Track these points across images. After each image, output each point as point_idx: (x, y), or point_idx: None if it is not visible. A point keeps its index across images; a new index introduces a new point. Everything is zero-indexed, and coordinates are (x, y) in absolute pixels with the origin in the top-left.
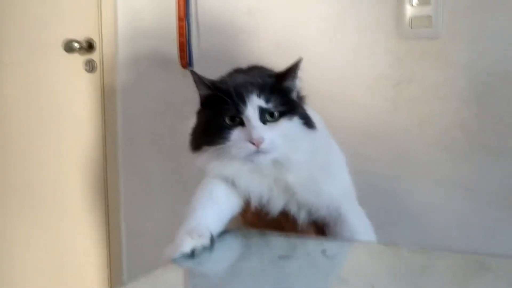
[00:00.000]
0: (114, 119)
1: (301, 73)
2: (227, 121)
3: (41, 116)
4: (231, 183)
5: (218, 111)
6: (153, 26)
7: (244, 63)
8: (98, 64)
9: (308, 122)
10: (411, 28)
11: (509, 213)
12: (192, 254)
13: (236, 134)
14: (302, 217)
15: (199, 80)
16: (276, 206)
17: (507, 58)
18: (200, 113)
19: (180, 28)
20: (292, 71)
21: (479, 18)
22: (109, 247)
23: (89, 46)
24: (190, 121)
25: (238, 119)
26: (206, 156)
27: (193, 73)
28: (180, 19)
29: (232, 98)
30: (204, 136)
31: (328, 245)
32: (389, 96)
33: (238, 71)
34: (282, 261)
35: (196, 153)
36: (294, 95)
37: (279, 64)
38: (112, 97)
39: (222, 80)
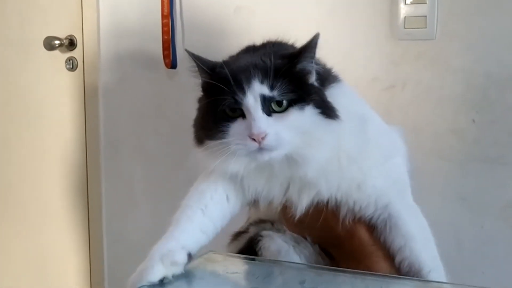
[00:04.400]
0: (96, 119)
1: (319, 51)
2: (228, 111)
3: (20, 116)
4: (239, 182)
5: (217, 100)
6: (136, 23)
7: None
8: (79, 62)
9: (326, 111)
10: (405, 28)
11: (506, 225)
12: (161, 283)
13: (235, 127)
14: (344, 214)
15: (196, 63)
16: (300, 206)
17: (506, 61)
18: (201, 102)
19: (164, 26)
20: (307, 50)
21: (477, 18)
22: (90, 253)
23: (70, 44)
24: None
25: (239, 110)
26: (209, 151)
27: (191, 55)
28: (164, 17)
29: (230, 86)
30: (204, 129)
31: (308, 275)
32: (381, 100)
33: (249, 49)
34: None
35: (199, 148)
36: (312, 78)
37: None
38: (94, 96)
39: (224, 63)
